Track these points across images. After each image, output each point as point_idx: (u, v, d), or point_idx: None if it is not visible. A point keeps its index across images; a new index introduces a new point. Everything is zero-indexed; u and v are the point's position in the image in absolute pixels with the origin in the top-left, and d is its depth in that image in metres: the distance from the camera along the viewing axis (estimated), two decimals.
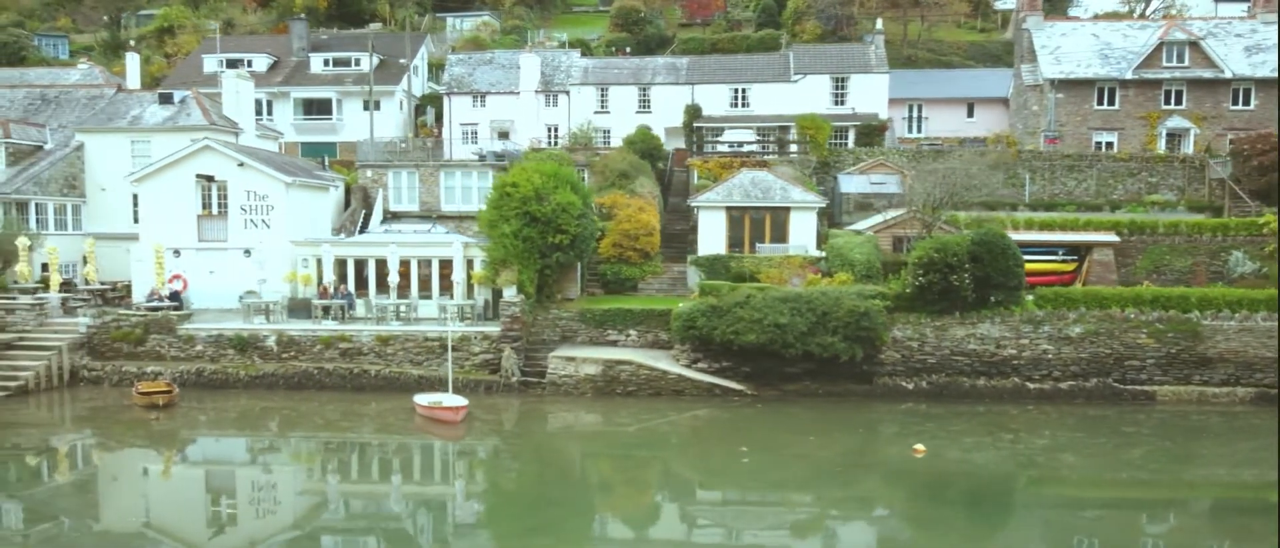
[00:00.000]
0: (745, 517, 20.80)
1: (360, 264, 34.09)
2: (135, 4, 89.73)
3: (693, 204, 38.80)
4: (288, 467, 24.88)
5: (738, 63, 55.76)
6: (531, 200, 31.81)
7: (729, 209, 37.15)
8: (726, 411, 28.77)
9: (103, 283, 38.64)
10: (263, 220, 36.61)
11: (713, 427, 27.71)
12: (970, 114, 58.59)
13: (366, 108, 57.30)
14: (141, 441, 26.20)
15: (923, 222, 33.21)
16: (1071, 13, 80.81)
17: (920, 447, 23.87)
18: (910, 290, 29.45)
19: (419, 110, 61.83)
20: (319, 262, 34.12)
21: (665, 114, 53.94)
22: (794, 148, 47.49)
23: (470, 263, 33.59)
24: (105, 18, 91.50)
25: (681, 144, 51.43)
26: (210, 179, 36.47)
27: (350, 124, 57.95)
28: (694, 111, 53.07)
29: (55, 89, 47.98)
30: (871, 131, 51.51)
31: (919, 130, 58.04)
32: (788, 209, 36.95)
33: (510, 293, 31.32)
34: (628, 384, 29.41)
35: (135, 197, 42.73)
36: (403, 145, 50.16)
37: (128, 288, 39.98)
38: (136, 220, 42.75)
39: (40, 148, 42.76)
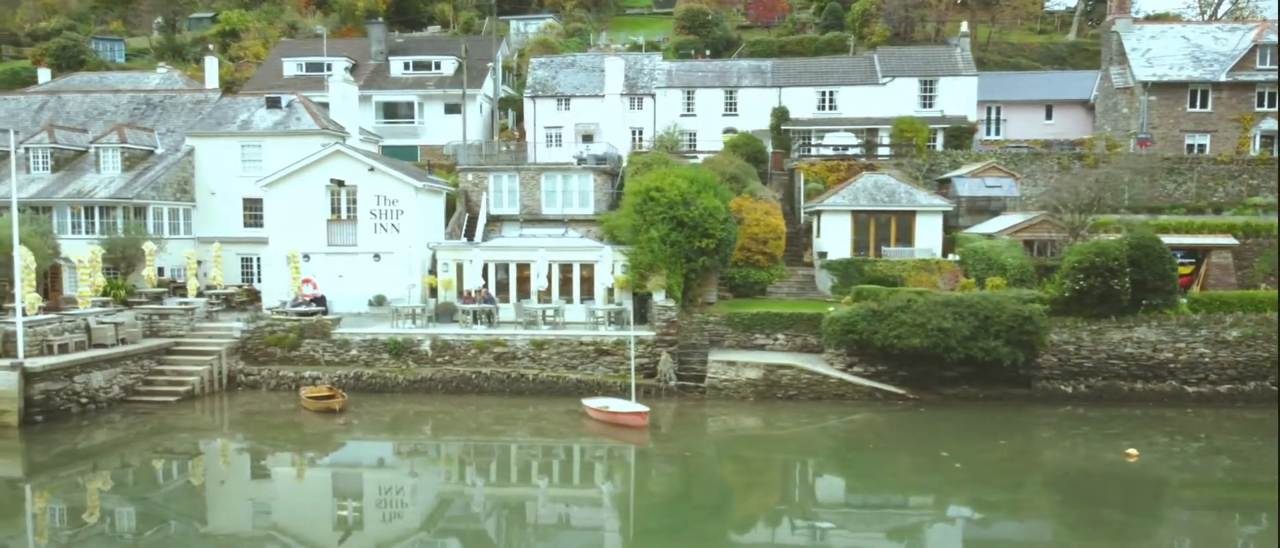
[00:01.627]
0: (898, 518, 20.98)
1: (501, 268, 34.16)
2: (192, 6, 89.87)
3: (816, 207, 38.93)
4: (437, 470, 24.92)
5: (823, 65, 55.89)
6: (678, 205, 31.96)
7: (855, 213, 37.29)
8: (887, 415, 28.90)
9: (221, 287, 38.86)
10: (392, 225, 36.78)
11: (874, 431, 27.82)
12: (1048, 116, 58.69)
13: (458, 111, 57.44)
14: (294, 443, 26.34)
15: (1069, 226, 33.30)
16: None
17: (1133, 451, 23.99)
18: (1067, 294, 29.55)
19: (495, 113, 61.93)
20: (460, 266, 34.24)
21: (751, 117, 54.04)
22: (884, 150, 47.68)
23: (613, 267, 33.70)
24: (159, 20, 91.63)
25: (768, 147, 51.54)
26: (340, 184, 36.63)
27: (431, 127, 58.08)
28: (781, 114, 53.29)
29: (159, 93, 48.10)
30: (961, 134, 51.69)
31: (998, 133, 58.13)
32: (913, 213, 37.10)
33: (659, 297, 31.47)
34: (788, 389, 29.54)
35: (245, 201, 43.17)
36: (504, 149, 50.37)
37: (249, 292, 40.28)
38: (246, 225, 43.20)
39: (151, 152, 42.94)
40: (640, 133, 55.09)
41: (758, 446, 26.84)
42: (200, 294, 35.29)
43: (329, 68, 60.05)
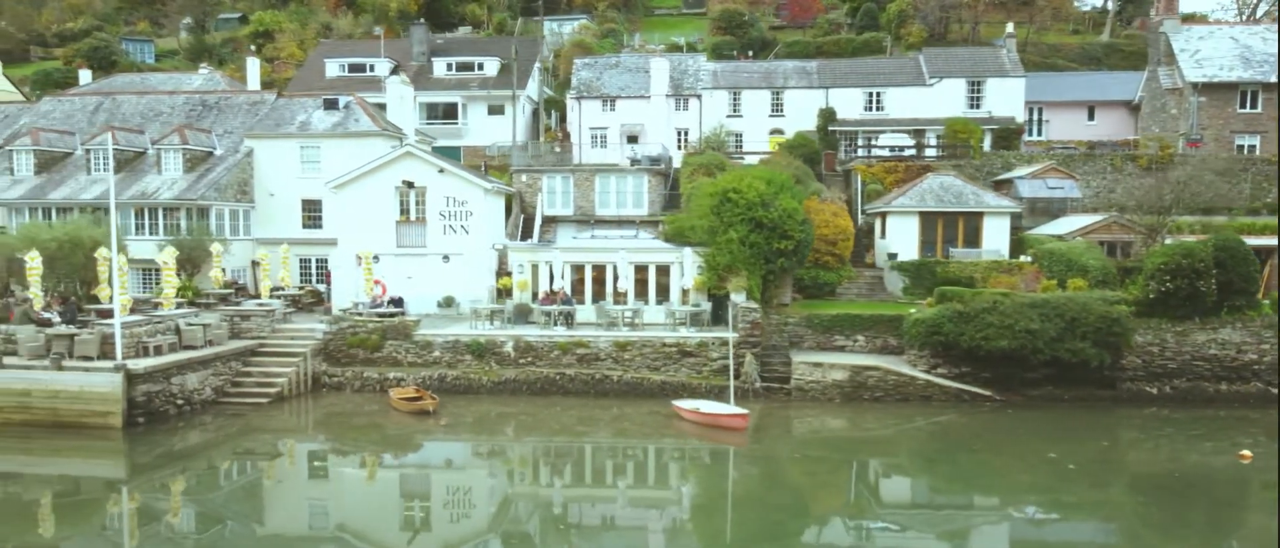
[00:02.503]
0: (983, 518, 21.08)
1: (576, 269, 34.20)
2: (220, 7, 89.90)
3: (880, 208, 39.01)
4: (517, 470, 24.90)
5: (869, 66, 55.95)
6: (757, 206, 32.01)
7: (922, 214, 37.37)
8: (975, 416, 28.97)
9: (288, 288, 38.95)
10: (462, 226, 36.83)
11: (969, 432, 27.86)
12: (1090, 117, 58.70)
13: (501, 113, 57.75)
14: (391, 445, 26.37)
15: (1148, 227, 33.34)
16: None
17: (1247, 452, 24.05)
18: (1151, 295, 29.61)
19: (538, 114, 62.00)
20: (535, 267, 34.29)
21: (798, 118, 54.08)
22: (931, 151, 47.73)
23: (684, 269, 33.73)
24: (186, 21, 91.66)
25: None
26: (410, 185, 36.69)
27: (475, 128, 58.13)
28: (828, 115, 53.39)
29: (214, 95, 48.17)
30: (1009, 135, 51.77)
31: (1040, 133, 58.10)
32: (981, 214, 37.19)
33: (739, 299, 31.53)
34: (874, 390, 29.62)
35: (304, 202, 43.26)
36: (556, 150, 50.46)
37: (313, 293, 40.35)
38: (304, 226, 43.27)
39: (211, 153, 42.99)
40: (685, 134, 55.15)
41: (854, 447, 26.91)
42: (272, 295, 35.31)
43: (372, 68, 60.27)
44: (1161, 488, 23.01)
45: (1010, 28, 56.71)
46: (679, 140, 54.84)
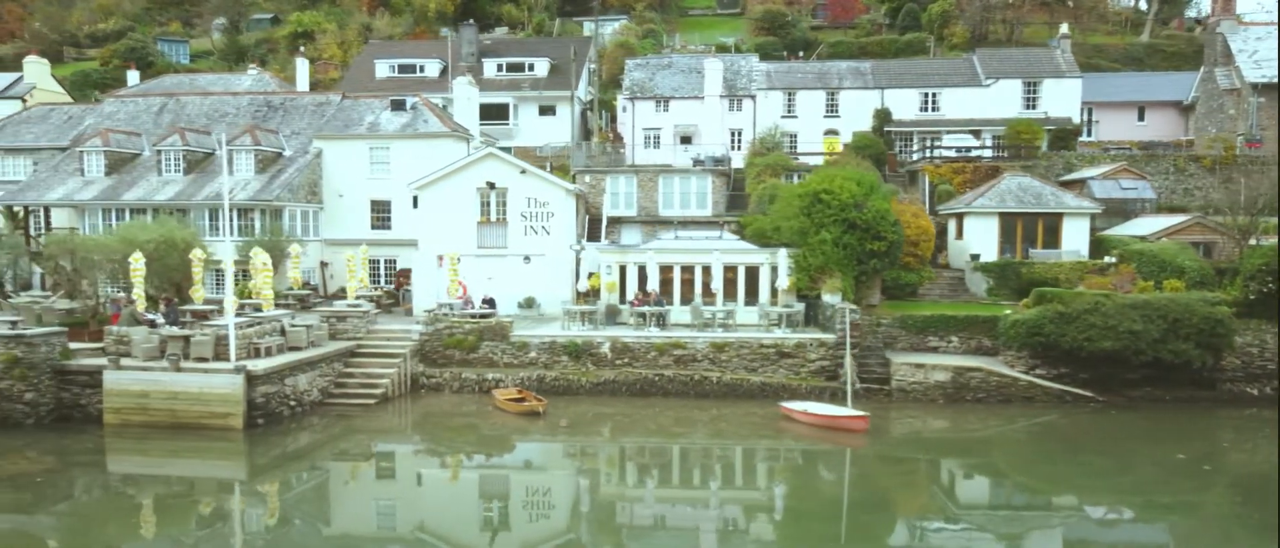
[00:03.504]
0: (1082, 522, 20.95)
1: (664, 269, 34.22)
2: (254, 7, 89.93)
3: (956, 209, 39.05)
4: (604, 471, 24.83)
5: (923, 67, 56.01)
6: (850, 208, 32.06)
7: (1002, 215, 37.40)
8: (1078, 417, 28.94)
9: (367, 289, 38.99)
10: (543, 227, 36.89)
11: (1076, 433, 27.81)
12: (1140, 117, 58.73)
13: (552, 113, 57.81)
14: (500, 446, 26.35)
15: (1240, 229, 33.39)
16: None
17: None
18: (1252, 296, 29.64)
19: (586, 115, 62.01)
20: (622, 268, 34.33)
21: (852, 118, 54.12)
22: (988, 152, 47.76)
23: (774, 270, 33.77)
24: (218, 21, 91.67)
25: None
26: (492, 186, 36.73)
27: (526, 129, 58.14)
28: (884, 116, 53.45)
29: (279, 95, 48.21)
30: (1066, 136, 51.78)
31: (1089, 134, 58.14)
32: (1061, 215, 37.24)
33: (832, 299, 31.56)
34: (976, 391, 29.64)
35: (373, 203, 43.35)
36: (608, 151, 50.46)
37: (389, 295, 40.39)
38: (373, 227, 43.34)
39: (280, 154, 43.04)
40: (739, 135, 55.17)
41: (964, 448, 26.90)
42: (358, 297, 35.35)
43: (422, 69, 60.35)
44: (1261, 490, 22.87)
45: (1064, 29, 56.76)
46: (733, 141, 54.84)
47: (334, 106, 45.68)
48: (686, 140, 55.23)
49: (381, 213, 43.32)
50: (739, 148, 54.29)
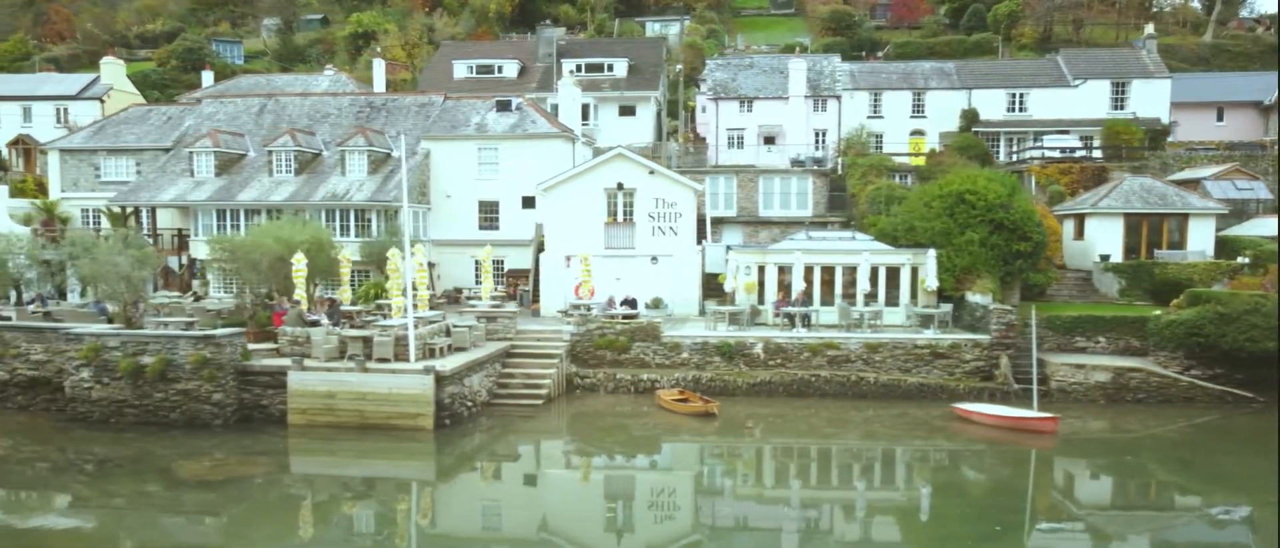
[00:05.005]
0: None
1: (805, 270, 34.23)
2: (308, 8, 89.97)
3: (1076, 210, 39.07)
4: (742, 472, 24.78)
5: (1009, 67, 56.08)
6: (997, 209, 32.10)
7: (1127, 215, 37.42)
8: (1241, 418, 28.98)
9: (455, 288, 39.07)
10: (671, 228, 36.89)
11: (1245, 434, 27.92)
12: (1219, 118, 58.87)
13: (632, 114, 57.73)
14: (653, 446, 26.43)
15: None
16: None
17: None
18: None
19: (661, 115, 62.02)
20: (762, 268, 34.34)
21: (939, 119, 54.21)
22: (1090, 152, 47.84)
23: (915, 270, 33.80)
24: (268, 22, 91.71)
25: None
26: (620, 187, 36.75)
27: (605, 129, 58.01)
28: (971, 116, 53.48)
29: (381, 96, 48.20)
30: (1156, 136, 51.82)
31: (1169, 135, 58.20)
32: (1186, 215, 37.26)
33: (980, 300, 31.59)
34: (1136, 391, 29.66)
35: (480, 204, 43.35)
36: (691, 151, 50.50)
37: (510, 296, 40.37)
38: (480, 227, 43.34)
39: (389, 155, 43.02)
40: (824, 135, 55.17)
41: (1126, 448, 26.85)
42: (491, 298, 35.36)
43: (500, 69, 60.33)
44: None
45: (1150, 29, 56.75)
46: (817, 142, 54.87)
47: (438, 107, 45.66)
48: (770, 141, 55.28)
49: (489, 214, 43.32)
50: (823, 148, 54.31)
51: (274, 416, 26.15)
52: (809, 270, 33.82)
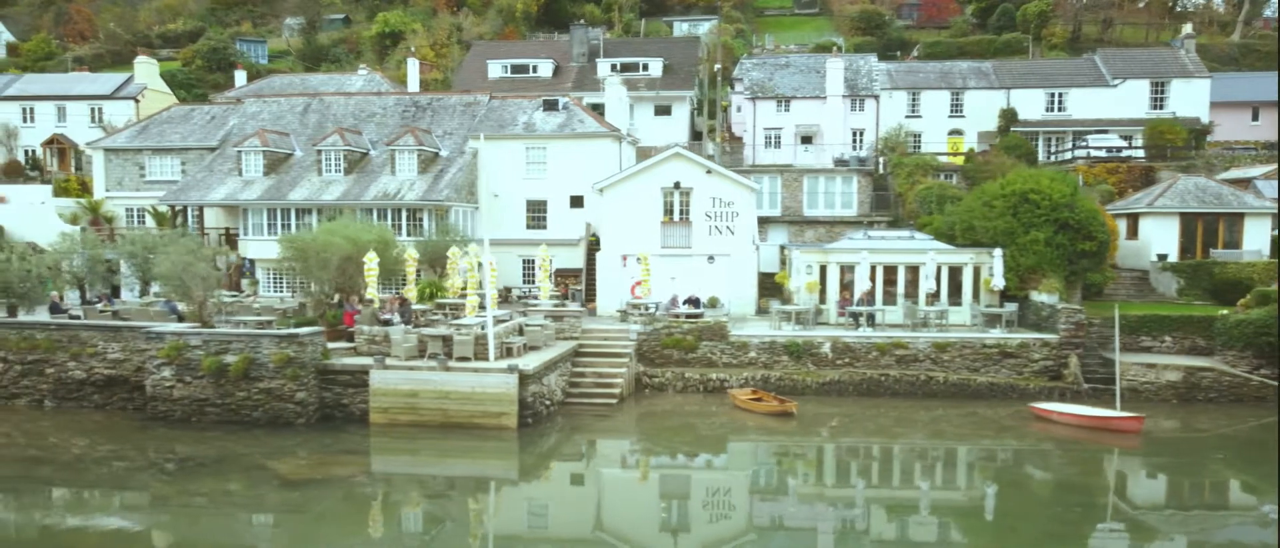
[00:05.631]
0: None
1: (863, 269, 34.23)
2: (332, 7, 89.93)
3: (1129, 209, 39.06)
4: (804, 471, 24.82)
5: (1047, 67, 56.09)
6: (1062, 208, 32.10)
7: (1182, 215, 37.42)
8: None
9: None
10: (728, 227, 36.89)
11: None
12: (1254, 117, 58.82)
13: (667, 114, 57.73)
14: (690, 445, 26.30)
15: None
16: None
17: None
18: None
19: (693, 115, 62.04)
20: (823, 268, 34.34)
21: (977, 118, 54.25)
22: (1124, 151, 47.80)
23: (977, 270, 33.80)
24: (290, 21, 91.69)
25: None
26: (677, 186, 36.74)
27: (641, 129, 57.87)
28: (1010, 116, 53.49)
29: (426, 96, 48.16)
30: (1196, 136, 51.80)
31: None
32: (1242, 215, 37.26)
33: (1047, 299, 31.59)
34: (1208, 390, 29.67)
35: (528, 203, 43.32)
36: (727, 150, 50.48)
37: (561, 296, 40.33)
38: (528, 227, 43.32)
39: (437, 155, 43.00)
40: (861, 135, 55.19)
41: (1228, 448, 26.82)
42: (551, 298, 35.34)
43: (535, 69, 60.34)
44: None
45: (1187, 29, 56.77)
46: (854, 141, 54.88)
47: (483, 107, 45.64)
48: (807, 140, 55.30)
49: (537, 213, 43.31)
50: (861, 148, 54.32)
51: (354, 414, 26.14)
52: (871, 270, 33.78)
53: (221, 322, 28.12)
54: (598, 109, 58.51)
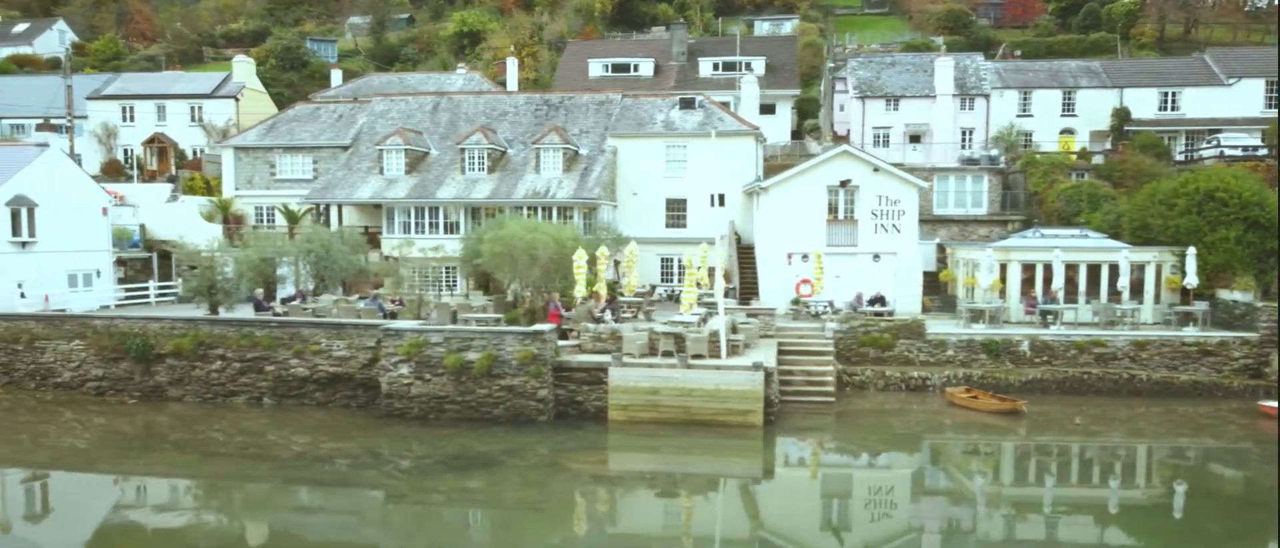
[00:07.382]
0: None
1: (1045, 268, 34.16)
2: (401, 7, 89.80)
3: None
4: (981, 471, 24.66)
5: (1158, 66, 56.04)
6: (1253, 206, 32.06)
7: None
8: None
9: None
10: (893, 225, 36.82)
11: None
12: None
13: (772, 112, 57.65)
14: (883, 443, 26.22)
15: None
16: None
17: None
18: None
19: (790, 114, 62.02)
20: (1004, 266, 34.28)
21: (1089, 117, 54.15)
22: (1260, 150, 47.74)
23: (1159, 268, 33.75)
24: (354, 20, 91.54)
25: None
26: (844, 184, 36.68)
27: None
28: (1123, 115, 53.40)
29: (557, 95, 48.08)
30: None
31: None
32: None
33: (1238, 297, 31.56)
34: None
35: (668, 201, 43.26)
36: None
37: (730, 291, 40.20)
38: (667, 225, 43.26)
39: (578, 154, 42.92)
40: (970, 133, 55.09)
41: None
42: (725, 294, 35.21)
43: (636, 68, 60.28)
44: None
45: None
46: (964, 140, 54.79)
47: (618, 106, 45.54)
48: (915, 139, 55.20)
49: (676, 211, 43.25)
50: (969, 147, 54.21)
51: (588, 411, 26.03)
52: (1048, 268, 33.73)
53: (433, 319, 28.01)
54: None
